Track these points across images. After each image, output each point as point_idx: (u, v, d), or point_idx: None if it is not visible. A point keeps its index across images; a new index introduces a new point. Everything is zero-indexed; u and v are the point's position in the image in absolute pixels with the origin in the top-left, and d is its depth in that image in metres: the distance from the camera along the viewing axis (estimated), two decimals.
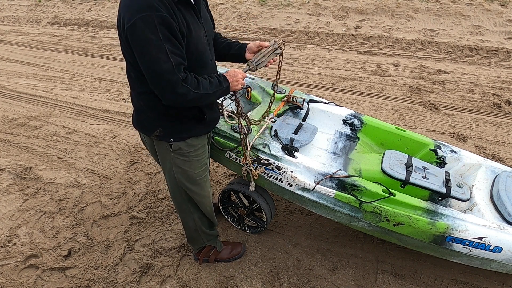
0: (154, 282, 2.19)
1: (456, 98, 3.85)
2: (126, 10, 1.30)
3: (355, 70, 4.54)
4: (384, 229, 1.87)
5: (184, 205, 1.93)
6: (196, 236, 2.09)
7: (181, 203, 1.92)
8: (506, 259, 1.73)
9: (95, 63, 5.38)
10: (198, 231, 2.05)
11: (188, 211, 1.95)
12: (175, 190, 1.86)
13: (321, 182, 1.87)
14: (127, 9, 1.30)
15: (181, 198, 1.89)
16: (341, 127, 2.44)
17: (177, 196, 1.89)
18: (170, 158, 1.70)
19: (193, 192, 1.83)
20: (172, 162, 1.72)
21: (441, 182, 1.92)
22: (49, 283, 2.22)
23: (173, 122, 1.59)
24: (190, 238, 2.14)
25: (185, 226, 2.09)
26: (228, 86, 1.58)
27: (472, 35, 5.04)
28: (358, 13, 5.91)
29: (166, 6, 1.31)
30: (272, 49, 1.74)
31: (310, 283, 2.13)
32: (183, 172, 1.75)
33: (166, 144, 1.65)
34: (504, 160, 2.96)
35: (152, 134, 1.64)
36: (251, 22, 6.15)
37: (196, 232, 2.07)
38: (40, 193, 2.90)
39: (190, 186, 1.80)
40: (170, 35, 1.32)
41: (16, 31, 7.22)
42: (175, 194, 1.89)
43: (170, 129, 1.61)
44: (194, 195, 1.85)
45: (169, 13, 1.31)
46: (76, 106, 4.17)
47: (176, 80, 1.36)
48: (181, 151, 1.67)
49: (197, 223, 2.01)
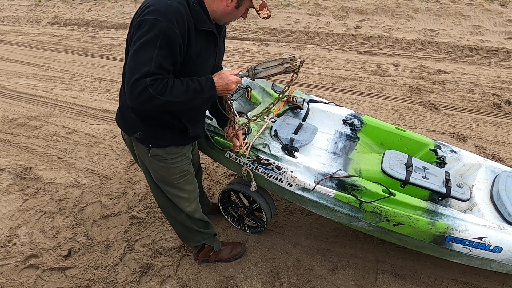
0: (154, 282, 2.19)
1: (456, 98, 3.86)
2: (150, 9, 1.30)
3: (355, 70, 4.54)
4: (384, 229, 1.87)
5: (167, 203, 1.89)
6: (188, 234, 2.07)
7: (165, 202, 1.89)
8: (506, 259, 1.73)
9: (95, 63, 5.38)
10: (190, 229, 2.03)
11: (172, 210, 1.91)
12: (157, 191, 1.86)
13: (321, 182, 1.87)
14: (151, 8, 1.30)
15: (164, 198, 1.86)
16: (341, 127, 2.44)
17: (159, 196, 1.87)
18: (148, 162, 1.69)
19: (171, 193, 1.81)
20: (149, 166, 1.71)
21: (441, 182, 1.92)
22: (49, 283, 2.22)
23: (154, 127, 1.55)
24: (183, 237, 2.12)
25: (172, 224, 2.07)
26: (212, 95, 1.47)
27: (472, 35, 5.05)
28: (358, 13, 5.92)
29: (184, 26, 1.31)
30: (280, 61, 1.54)
31: (310, 283, 2.13)
32: (161, 177, 1.73)
33: (145, 148, 1.62)
34: (504, 160, 2.96)
35: (132, 135, 1.61)
36: (251, 22, 6.15)
37: (188, 230, 2.04)
38: (40, 193, 2.90)
39: (167, 188, 1.79)
40: (168, 47, 1.29)
41: (16, 31, 7.22)
42: (157, 194, 1.88)
43: (149, 134, 1.57)
44: (172, 197, 1.83)
45: (182, 32, 1.31)
46: (76, 106, 4.17)
47: (142, 83, 1.28)
48: (158, 158, 1.63)
49: (186, 222, 1.96)
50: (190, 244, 2.16)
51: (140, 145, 1.63)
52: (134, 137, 1.61)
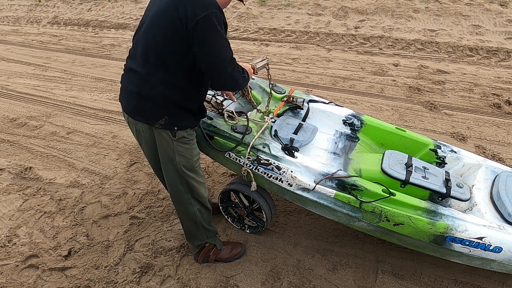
0: (154, 282, 2.19)
1: (456, 98, 3.86)
2: (193, 5, 1.46)
3: (355, 70, 4.54)
4: (384, 229, 1.87)
5: (185, 196, 1.93)
6: (195, 231, 2.09)
7: (183, 195, 1.92)
8: (506, 259, 1.73)
9: (95, 63, 5.38)
10: (198, 225, 2.05)
11: (189, 203, 1.95)
12: (177, 182, 1.87)
13: (321, 182, 1.87)
14: (193, 3, 1.46)
15: (183, 190, 1.90)
16: (341, 127, 2.44)
17: (178, 187, 1.90)
18: (173, 147, 1.74)
19: (193, 179, 1.89)
20: (175, 150, 1.76)
21: (441, 182, 1.92)
22: (49, 283, 2.22)
23: (179, 110, 1.68)
24: (190, 234, 2.13)
25: (184, 220, 2.07)
26: (248, 77, 1.83)
27: (472, 35, 5.05)
28: (358, 13, 5.91)
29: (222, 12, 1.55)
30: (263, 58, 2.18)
31: (310, 283, 2.13)
32: (185, 161, 1.80)
33: (169, 132, 1.69)
34: (504, 160, 2.96)
35: (156, 123, 1.66)
36: (251, 22, 6.15)
37: (196, 227, 2.06)
38: (40, 193, 2.90)
39: (190, 174, 1.86)
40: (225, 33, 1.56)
41: (16, 31, 7.22)
42: (176, 186, 1.90)
43: (175, 118, 1.68)
44: (194, 182, 1.90)
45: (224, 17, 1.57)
46: (76, 106, 4.17)
47: (235, 65, 1.64)
48: (183, 139, 1.75)
49: (198, 217, 2.01)
50: (194, 242, 2.16)
51: (163, 131, 1.70)
52: (158, 124, 1.66)
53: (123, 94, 1.76)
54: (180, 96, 1.64)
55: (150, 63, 1.60)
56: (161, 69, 1.59)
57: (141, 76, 1.63)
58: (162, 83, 1.61)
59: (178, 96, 1.64)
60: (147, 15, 1.65)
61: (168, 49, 1.54)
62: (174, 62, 1.56)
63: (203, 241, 2.15)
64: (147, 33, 1.59)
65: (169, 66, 1.57)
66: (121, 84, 1.77)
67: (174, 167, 1.81)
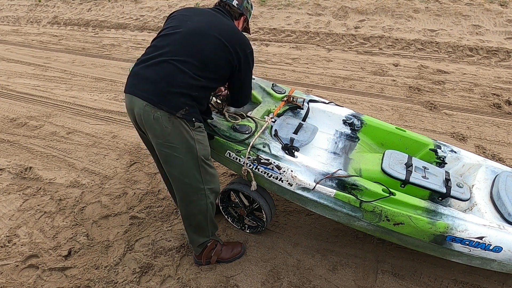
0: (154, 282, 2.19)
1: (456, 98, 3.86)
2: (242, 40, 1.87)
3: (355, 70, 4.54)
4: (384, 229, 1.87)
5: (201, 186, 1.92)
6: (204, 225, 2.07)
7: (199, 185, 1.91)
8: (506, 259, 1.73)
9: (95, 63, 5.38)
10: (207, 219, 2.04)
11: (203, 195, 1.95)
12: (195, 172, 1.87)
13: (321, 182, 1.87)
14: (242, 39, 1.87)
15: (201, 180, 1.91)
16: (341, 127, 2.44)
17: (196, 177, 1.89)
18: (192, 135, 1.81)
19: (211, 168, 1.96)
20: (194, 139, 1.82)
21: (441, 182, 1.92)
22: (49, 283, 2.22)
23: (198, 105, 1.84)
24: (198, 228, 2.08)
25: (193, 214, 2.02)
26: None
27: (472, 35, 5.05)
28: (358, 13, 5.92)
29: None
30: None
31: (310, 283, 2.13)
32: (204, 148, 1.87)
33: (188, 122, 1.79)
34: (504, 160, 2.96)
35: (177, 112, 1.73)
36: (251, 22, 6.15)
37: (205, 221, 2.05)
38: (40, 193, 2.90)
39: (208, 162, 1.93)
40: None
41: (16, 31, 7.22)
42: (194, 176, 1.88)
43: (193, 110, 1.80)
44: (212, 171, 1.96)
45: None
46: (76, 106, 4.17)
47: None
48: (200, 129, 1.87)
49: (209, 210, 2.01)
50: (200, 239, 2.13)
51: (183, 121, 1.78)
52: (179, 114, 1.76)
53: (142, 82, 1.76)
54: (203, 93, 1.83)
55: (190, 62, 1.76)
56: (200, 70, 1.77)
57: (177, 68, 1.74)
58: (194, 79, 1.76)
59: (201, 93, 1.81)
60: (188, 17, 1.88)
61: (214, 62, 1.80)
62: (213, 71, 1.81)
63: (208, 238, 2.14)
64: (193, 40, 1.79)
65: (207, 69, 1.79)
66: (138, 74, 1.79)
67: (193, 155, 1.83)
